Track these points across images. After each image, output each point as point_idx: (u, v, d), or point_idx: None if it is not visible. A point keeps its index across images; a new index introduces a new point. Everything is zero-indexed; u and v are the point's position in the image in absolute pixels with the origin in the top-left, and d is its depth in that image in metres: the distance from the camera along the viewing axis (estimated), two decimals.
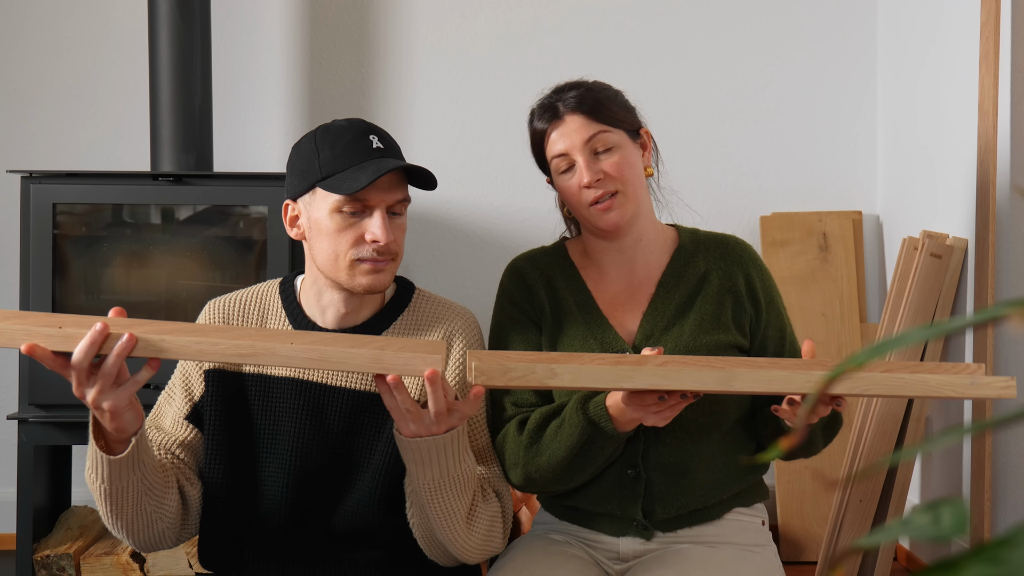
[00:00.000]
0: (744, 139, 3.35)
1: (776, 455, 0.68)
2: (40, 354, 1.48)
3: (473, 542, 1.72)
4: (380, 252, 1.71)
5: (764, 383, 1.58)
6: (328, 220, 1.70)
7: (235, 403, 1.78)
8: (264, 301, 1.84)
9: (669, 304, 1.84)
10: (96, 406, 1.52)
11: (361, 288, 1.72)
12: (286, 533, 1.78)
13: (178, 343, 1.51)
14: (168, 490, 1.71)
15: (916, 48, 3.06)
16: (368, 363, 1.53)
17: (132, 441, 1.58)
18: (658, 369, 1.57)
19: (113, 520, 1.68)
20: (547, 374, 1.55)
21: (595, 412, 1.70)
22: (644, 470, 1.79)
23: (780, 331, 1.86)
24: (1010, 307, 0.58)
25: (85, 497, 3.19)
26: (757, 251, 1.94)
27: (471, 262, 3.34)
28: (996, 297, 2.49)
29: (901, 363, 1.64)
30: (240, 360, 1.53)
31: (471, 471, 1.68)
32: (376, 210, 1.70)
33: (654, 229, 1.89)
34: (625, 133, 1.83)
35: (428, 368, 1.53)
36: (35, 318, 1.52)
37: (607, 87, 1.87)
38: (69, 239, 2.89)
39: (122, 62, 3.28)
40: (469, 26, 3.34)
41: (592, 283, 1.88)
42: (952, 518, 0.59)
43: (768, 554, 1.85)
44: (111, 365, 1.49)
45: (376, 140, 1.73)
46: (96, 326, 1.48)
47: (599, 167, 1.80)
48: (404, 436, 1.62)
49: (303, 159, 1.74)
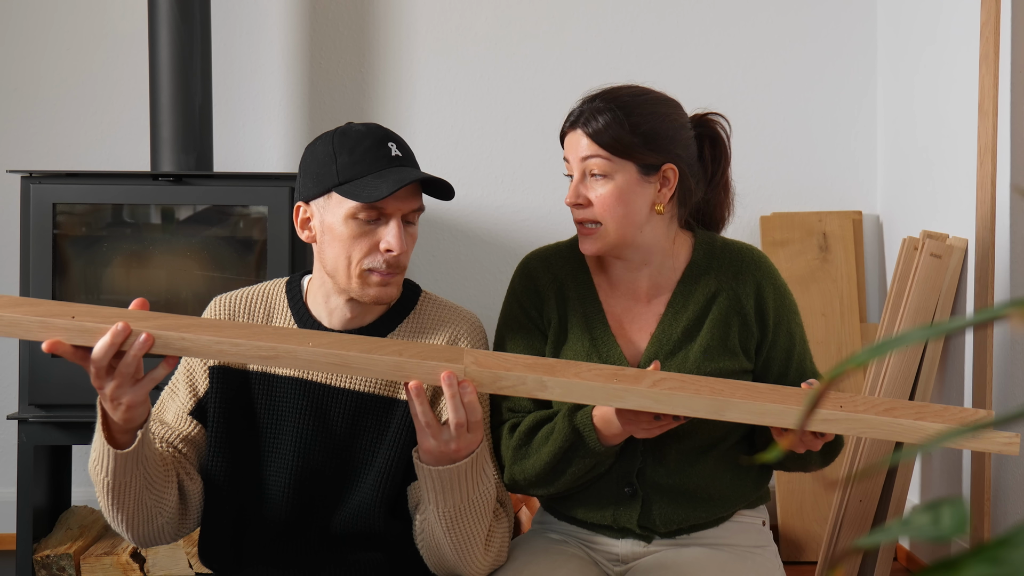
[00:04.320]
0: (744, 139, 3.35)
1: (776, 455, 0.68)
2: (62, 351, 1.48)
3: (488, 562, 1.73)
4: (390, 264, 1.69)
5: (757, 415, 1.54)
6: (342, 226, 1.69)
7: (239, 400, 1.77)
8: (270, 300, 1.83)
9: (677, 326, 1.79)
10: (114, 399, 1.52)
11: (369, 299, 1.72)
12: (287, 533, 1.77)
13: (199, 342, 1.50)
14: (168, 485, 1.71)
15: (916, 48, 3.06)
16: (390, 370, 1.53)
17: (138, 435, 1.58)
18: (649, 391, 1.53)
19: (114, 514, 1.68)
20: (537, 386, 1.54)
21: (581, 422, 1.69)
22: (641, 488, 1.78)
23: (787, 352, 1.80)
24: (1010, 307, 0.58)
25: (85, 497, 3.19)
26: (773, 263, 1.87)
27: (471, 262, 3.34)
28: (996, 297, 2.48)
29: (906, 403, 1.59)
30: (261, 363, 1.52)
31: (491, 491, 1.67)
32: (392, 219, 1.69)
33: (664, 252, 1.82)
34: (635, 166, 1.74)
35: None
36: (47, 307, 1.51)
37: (645, 111, 1.75)
38: (69, 239, 2.89)
39: (122, 62, 3.28)
40: (469, 26, 3.34)
41: (603, 293, 1.84)
42: (952, 518, 0.59)
43: (769, 555, 1.85)
44: (128, 363, 1.49)
45: (395, 148, 1.72)
46: (118, 325, 1.47)
47: (584, 192, 1.75)
48: (425, 463, 1.62)
49: (319, 162, 1.72)
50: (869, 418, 1.54)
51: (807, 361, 1.83)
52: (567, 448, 1.70)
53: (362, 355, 1.52)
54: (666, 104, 1.79)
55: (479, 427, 1.59)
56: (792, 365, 1.80)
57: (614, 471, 1.78)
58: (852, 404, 1.56)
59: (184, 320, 1.54)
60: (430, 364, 1.53)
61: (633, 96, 1.77)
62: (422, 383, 1.54)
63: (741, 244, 1.86)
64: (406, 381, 1.54)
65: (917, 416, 1.55)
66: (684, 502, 1.78)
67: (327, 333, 1.58)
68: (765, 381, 1.79)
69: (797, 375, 1.80)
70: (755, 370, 1.81)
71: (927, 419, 1.54)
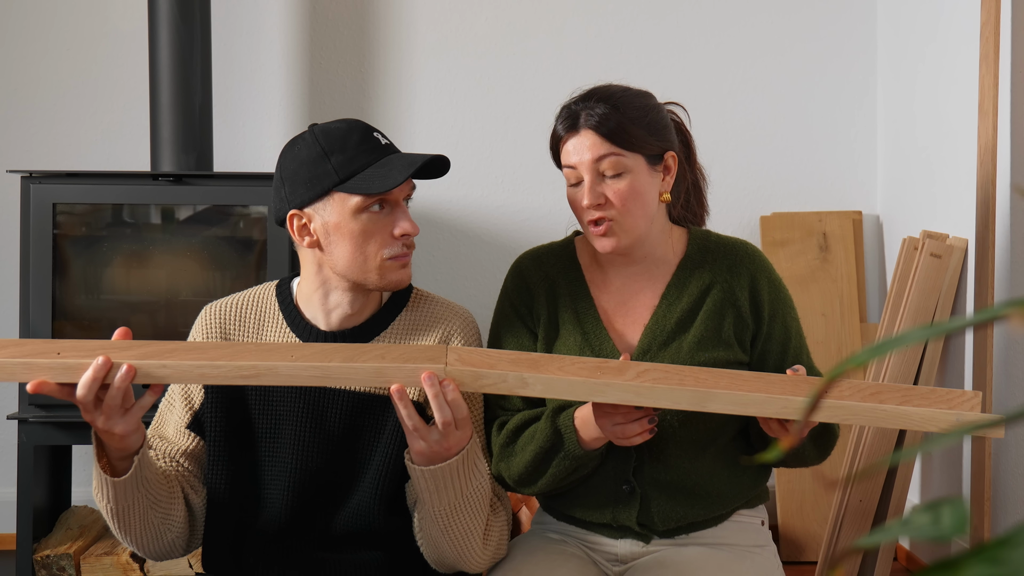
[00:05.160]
0: (744, 139, 3.35)
1: (776, 455, 0.68)
2: (47, 390, 1.49)
3: (487, 555, 1.74)
4: (408, 246, 1.73)
5: (740, 405, 1.53)
6: (353, 222, 1.69)
7: (235, 408, 1.77)
8: (261, 305, 1.83)
9: (670, 318, 1.80)
10: (106, 430, 1.53)
11: (393, 285, 1.73)
12: (288, 535, 1.77)
13: (180, 368, 1.51)
14: (173, 501, 1.72)
15: (916, 48, 3.06)
16: (371, 377, 1.54)
17: (135, 460, 1.59)
18: (631, 384, 1.53)
19: (123, 536, 1.70)
20: (518, 384, 1.54)
21: (563, 423, 1.70)
22: (639, 486, 1.78)
23: (783, 344, 1.81)
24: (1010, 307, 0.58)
25: (85, 497, 3.19)
26: (767, 258, 1.88)
27: (471, 262, 3.34)
28: (996, 297, 2.49)
29: (894, 386, 1.57)
30: (243, 382, 1.53)
31: (485, 486, 1.68)
32: (398, 204, 1.72)
33: (663, 246, 1.84)
34: (643, 158, 1.75)
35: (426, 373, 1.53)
36: (31, 346, 1.51)
37: (637, 103, 1.77)
38: (69, 239, 2.89)
39: (122, 62, 3.28)
40: (469, 26, 3.34)
41: (596, 289, 1.85)
42: (952, 518, 0.59)
43: (768, 554, 1.85)
44: (114, 396, 1.50)
45: (381, 136, 1.74)
46: (98, 360, 1.48)
47: (601, 190, 1.74)
48: (416, 465, 1.62)
49: (308, 166, 1.70)
50: (853, 405, 1.52)
51: (804, 355, 1.83)
52: (548, 449, 1.71)
53: (343, 365, 1.52)
54: (648, 96, 1.82)
55: (467, 423, 1.59)
56: (788, 358, 1.81)
57: (611, 470, 1.78)
58: (838, 390, 1.55)
59: (167, 346, 1.54)
60: (410, 367, 1.53)
61: (622, 91, 1.78)
62: (404, 387, 1.54)
63: (735, 239, 1.87)
64: (389, 386, 1.55)
65: (903, 400, 1.53)
66: (682, 499, 1.78)
67: (310, 344, 1.58)
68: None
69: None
70: (751, 363, 1.81)
71: (913, 403, 1.53)
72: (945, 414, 1.50)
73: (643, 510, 1.78)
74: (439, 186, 3.31)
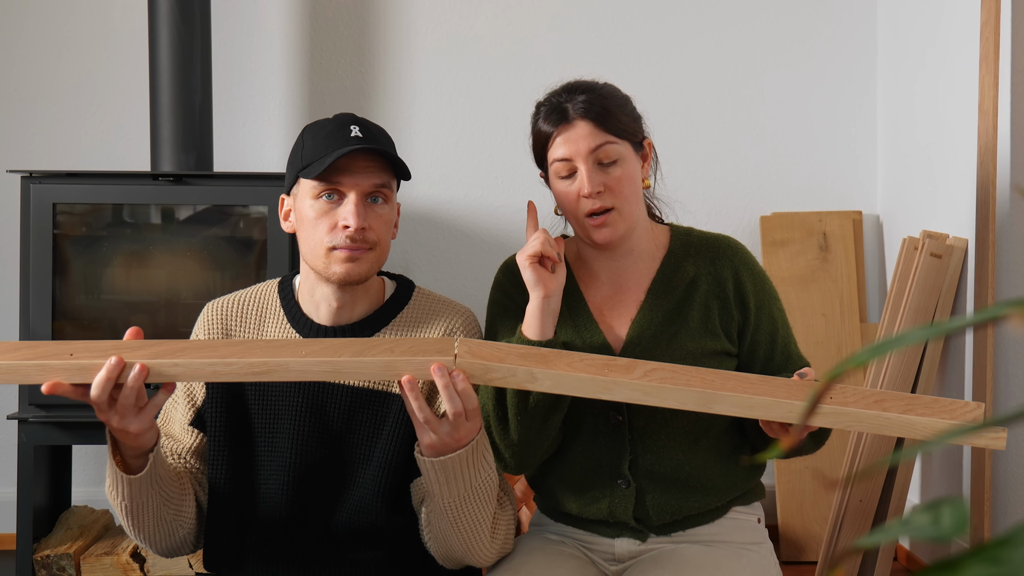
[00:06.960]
0: (744, 139, 3.35)
1: (776, 455, 0.68)
2: (62, 391, 1.50)
3: (495, 548, 1.75)
4: (353, 239, 1.70)
5: (746, 408, 1.55)
6: (308, 208, 1.72)
7: (235, 403, 1.78)
8: (263, 301, 1.84)
9: (658, 311, 1.82)
10: (120, 429, 1.54)
11: (336, 277, 1.72)
12: (288, 532, 1.78)
13: (192, 366, 1.52)
14: (185, 498, 1.74)
15: (916, 48, 3.06)
16: (381, 370, 1.54)
17: (150, 458, 1.61)
18: (638, 383, 1.55)
19: (135, 533, 1.71)
20: (527, 378, 1.55)
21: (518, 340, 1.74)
22: (634, 479, 1.79)
23: (771, 335, 1.83)
24: (1010, 307, 0.58)
25: (85, 497, 3.19)
26: (755, 251, 1.91)
27: (471, 262, 3.34)
28: (996, 297, 2.49)
29: (897, 394, 1.58)
30: (255, 378, 1.54)
31: (493, 477, 1.68)
32: (348, 196, 1.71)
33: (647, 238, 1.86)
34: (630, 145, 1.79)
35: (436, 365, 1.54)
36: (45, 348, 1.52)
37: (616, 93, 1.82)
38: (69, 239, 2.89)
39: (122, 62, 3.28)
40: (469, 26, 3.34)
41: (584, 285, 1.87)
42: (952, 518, 0.59)
43: (764, 552, 1.85)
44: (127, 395, 1.51)
45: (356, 130, 1.73)
46: (111, 360, 1.49)
47: (601, 179, 1.75)
48: (425, 457, 1.62)
49: (292, 153, 1.78)
50: (857, 412, 1.54)
51: (791, 345, 1.86)
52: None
53: (354, 359, 1.53)
54: (617, 87, 1.86)
55: (477, 414, 1.60)
56: (777, 348, 1.83)
57: (606, 464, 1.80)
58: (842, 396, 1.56)
59: (178, 344, 1.55)
60: (420, 360, 1.54)
61: (598, 83, 1.83)
62: (415, 377, 1.55)
63: (717, 234, 1.90)
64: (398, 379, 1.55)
65: (906, 409, 1.54)
66: (677, 491, 1.79)
67: (320, 340, 1.59)
68: (751, 365, 1.82)
69: (783, 358, 1.83)
70: (740, 355, 1.83)
71: (916, 411, 1.54)
72: (949, 425, 1.51)
73: (639, 504, 1.79)
74: (439, 186, 3.31)
